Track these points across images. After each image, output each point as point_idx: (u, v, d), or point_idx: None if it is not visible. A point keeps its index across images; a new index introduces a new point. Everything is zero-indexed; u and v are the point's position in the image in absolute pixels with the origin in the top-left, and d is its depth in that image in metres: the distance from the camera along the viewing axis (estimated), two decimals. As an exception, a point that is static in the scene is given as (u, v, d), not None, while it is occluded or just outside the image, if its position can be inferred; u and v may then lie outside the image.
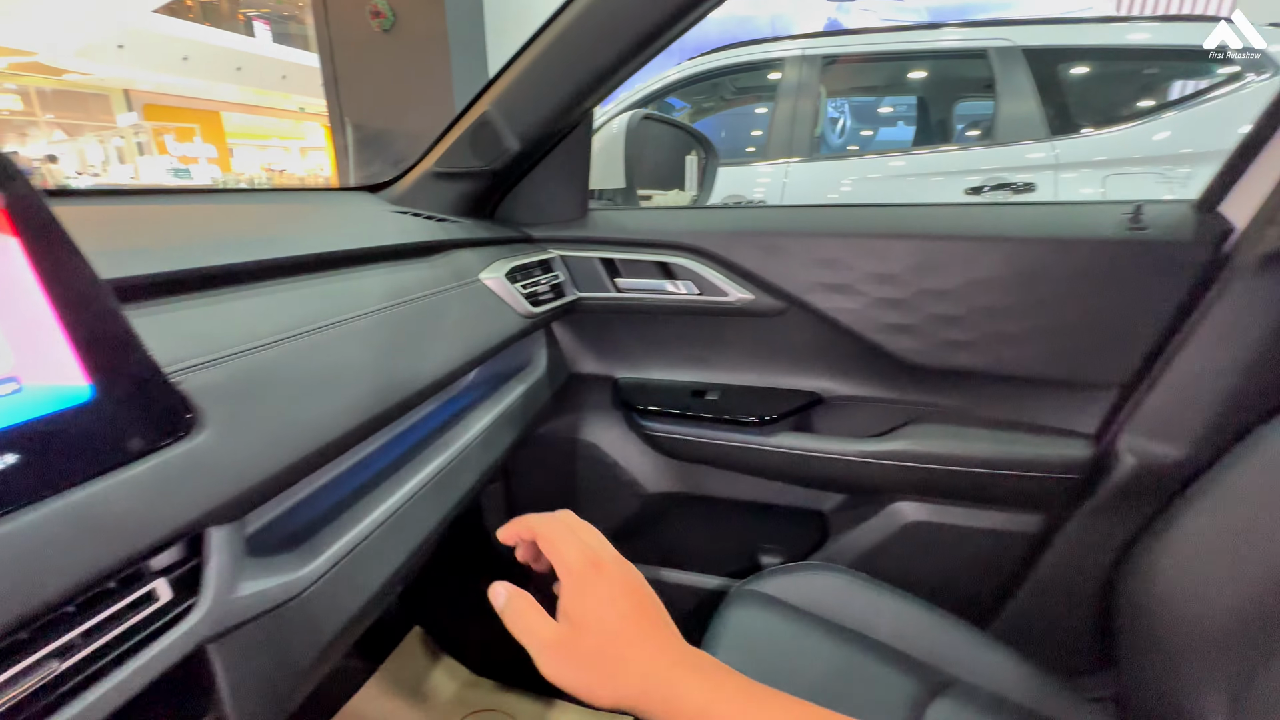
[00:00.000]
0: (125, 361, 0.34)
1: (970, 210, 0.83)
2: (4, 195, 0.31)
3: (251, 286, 0.48)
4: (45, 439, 0.30)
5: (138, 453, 0.33)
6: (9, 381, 0.30)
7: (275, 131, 19.27)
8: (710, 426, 0.88)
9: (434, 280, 0.65)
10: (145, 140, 9.03)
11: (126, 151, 9.05)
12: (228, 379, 0.39)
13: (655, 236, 0.86)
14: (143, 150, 8.94)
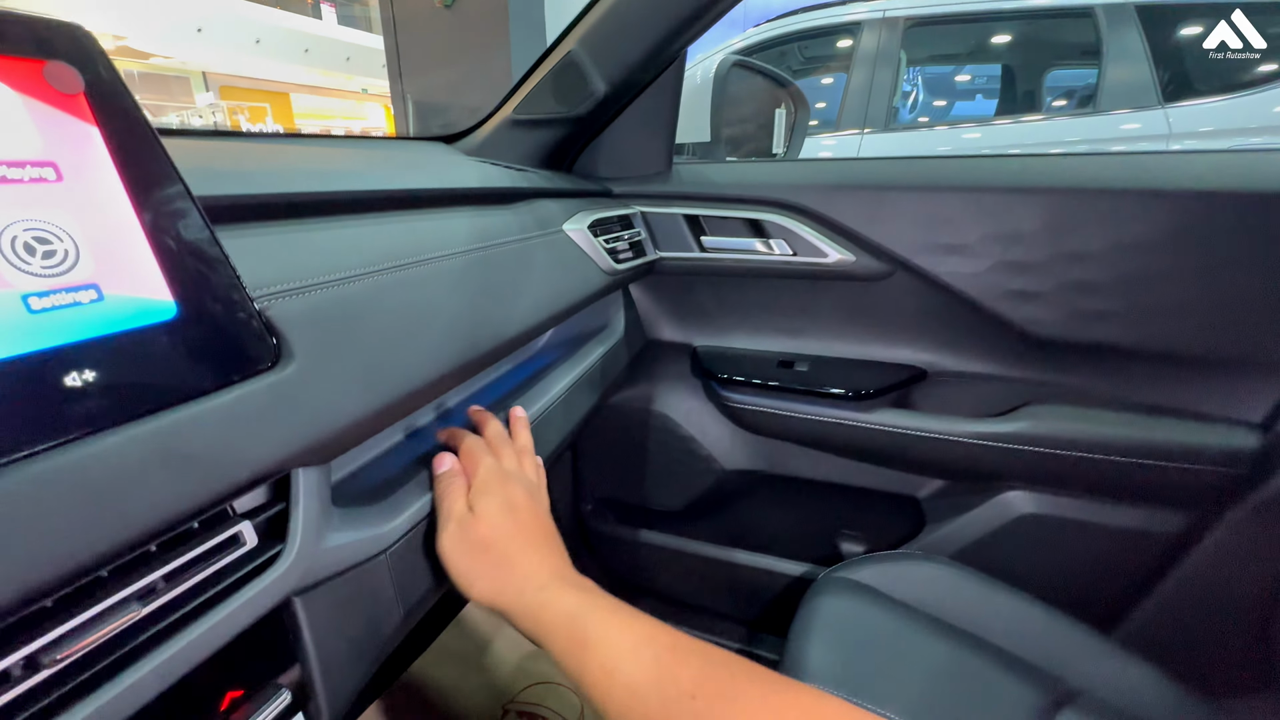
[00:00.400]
0: (212, 280, 0.30)
1: (1118, 160, 0.71)
2: (84, 78, 0.27)
3: (338, 218, 0.44)
4: (128, 356, 0.27)
5: (223, 381, 0.30)
6: (88, 288, 0.26)
7: (339, 112, 19.92)
8: (798, 400, 0.81)
9: (519, 227, 0.61)
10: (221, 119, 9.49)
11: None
12: (315, 310, 0.35)
13: (746, 192, 0.79)
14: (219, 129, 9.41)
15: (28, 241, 0.24)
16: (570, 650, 0.34)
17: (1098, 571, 0.76)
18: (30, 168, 0.25)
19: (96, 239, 0.26)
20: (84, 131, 0.27)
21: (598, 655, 0.33)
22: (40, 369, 0.24)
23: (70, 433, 0.24)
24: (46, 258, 0.25)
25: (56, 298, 0.25)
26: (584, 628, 0.34)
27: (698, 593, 0.98)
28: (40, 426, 0.23)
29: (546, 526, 0.42)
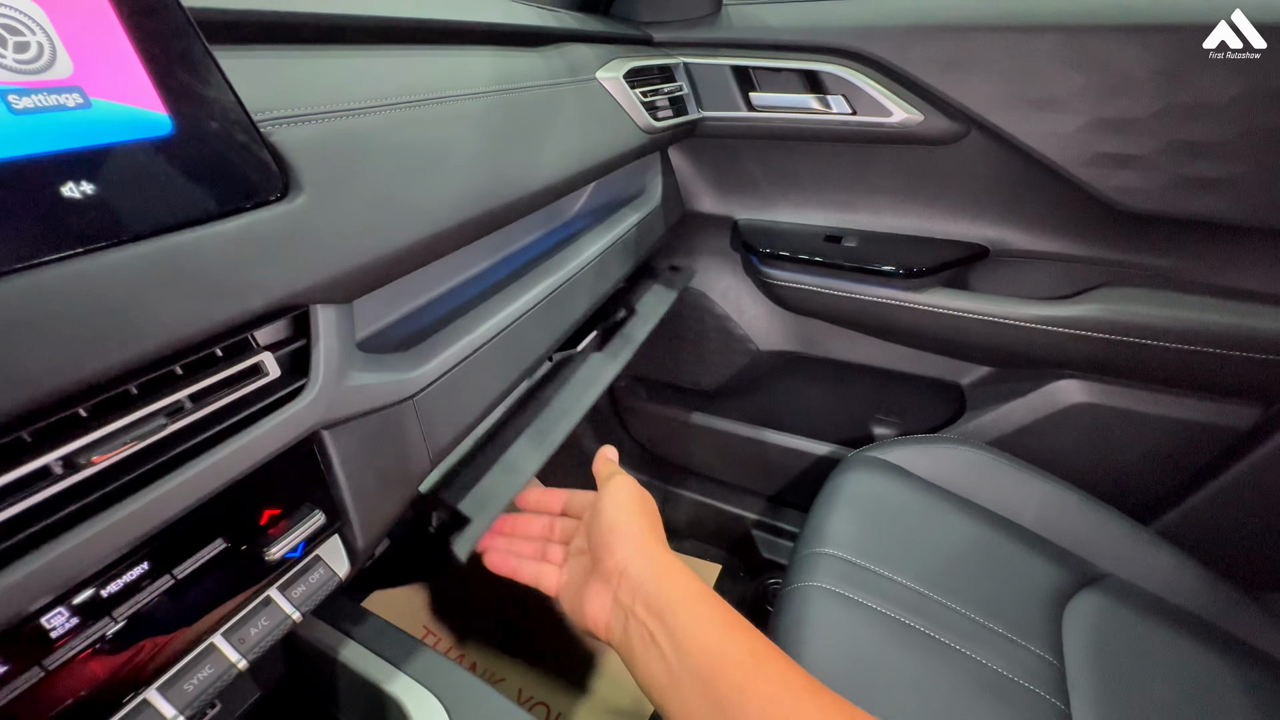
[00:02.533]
0: (208, 96, 0.28)
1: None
2: None
3: (346, 46, 0.40)
4: (126, 171, 0.25)
5: (230, 208, 0.28)
6: (71, 91, 0.24)
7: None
8: (844, 277, 0.77)
9: (547, 71, 0.55)
10: None
11: None
12: (323, 140, 0.33)
13: (805, 38, 0.69)
14: None
15: (-5, 31, 0.22)
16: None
17: (1146, 463, 0.73)
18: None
19: (75, 36, 0.24)
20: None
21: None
22: (34, 175, 0.23)
23: (73, 245, 0.23)
24: (20, 50, 0.23)
25: (39, 98, 0.23)
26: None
27: (726, 468, 1.00)
28: (41, 236, 0.22)
29: (655, 515, 0.43)
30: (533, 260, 0.57)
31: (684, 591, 0.35)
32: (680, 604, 0.35)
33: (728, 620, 0.34)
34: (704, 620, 0.34)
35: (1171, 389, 0.69)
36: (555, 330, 0.56)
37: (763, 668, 0.32)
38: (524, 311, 0.51)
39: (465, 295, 0.52)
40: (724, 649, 0.32)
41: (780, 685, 0.31)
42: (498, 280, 0.54)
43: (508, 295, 0.51)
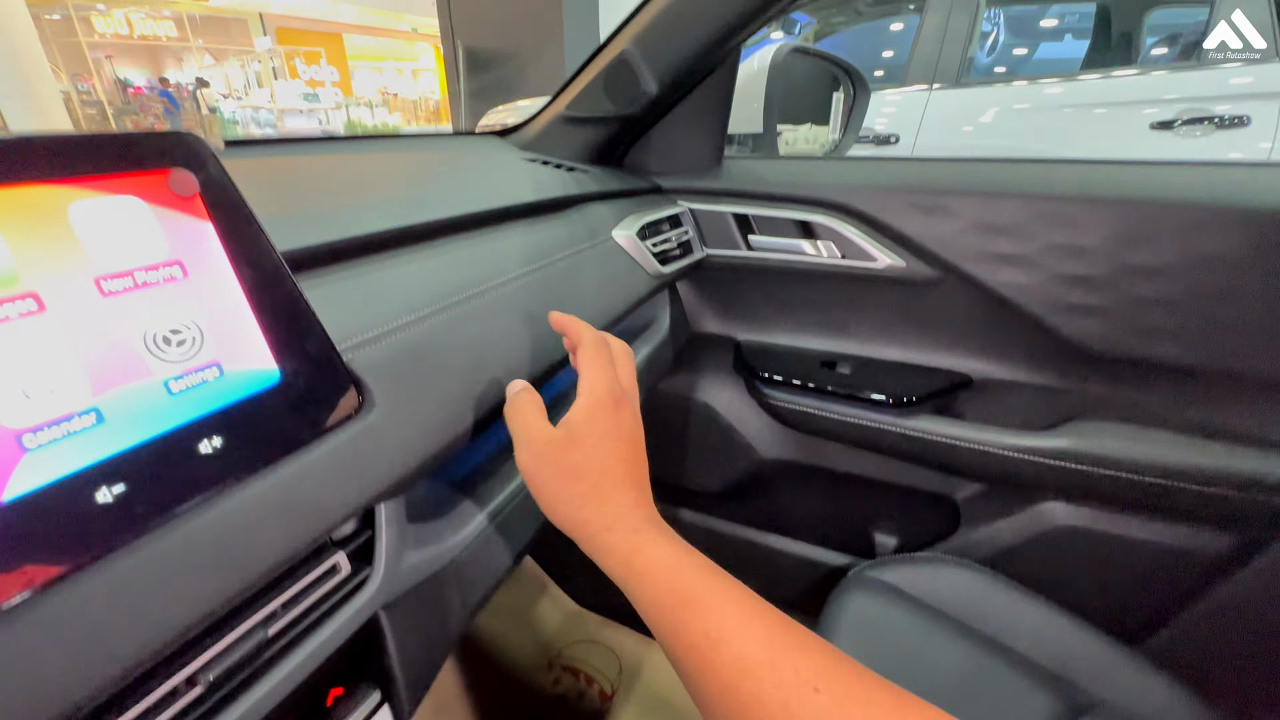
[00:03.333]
0: (307, 344, 0.35)
1: (1193, 171, 0.67)
2: (199, 179, 0.31)
3: (406, 251, 0.48)
4: (244, 421, 0.31)
5: (320, 432, 0.34)
6: (211, 368, 0.31)
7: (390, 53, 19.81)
8: (840, 402, 0.83)
9: (569, 239, 0.63)
10: (279, 65, 9.63)
11: (264, 76, 9.73)
12: (392, 356, 0.39)
13: (796, 191, 0.78)
14: (277, 75, 9.56)
15: (165, 335, 0.29)
16: (663, 604, 0.32)
17: (1132, 587, 0.76)
18: (163, 269, 0.29)
19: (216, 323, 0.31)
20: (200, 228, 0.31)
21: (699, 618, 0.30)
22: (182, 440, 0.29)
23: (206, 490, 0.29)
24: (179, 346, 0.29)
25: (189, 379, 0.29)
26: (683, 584, 0.32)
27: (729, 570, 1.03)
28: (184, 488, 0.28)
29: (643, 464, 0.39)
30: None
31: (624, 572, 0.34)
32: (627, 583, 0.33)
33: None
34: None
35: (1148, 515, 0.73)
36: None
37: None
38: None
39: (491, 443, 0.57)
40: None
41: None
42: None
43: None
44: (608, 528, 0.34)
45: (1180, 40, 2.46)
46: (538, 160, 0.77)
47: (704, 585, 0.32)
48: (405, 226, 0.48)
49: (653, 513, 0.36)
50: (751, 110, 0.89)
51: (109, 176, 0.27)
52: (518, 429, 0.38)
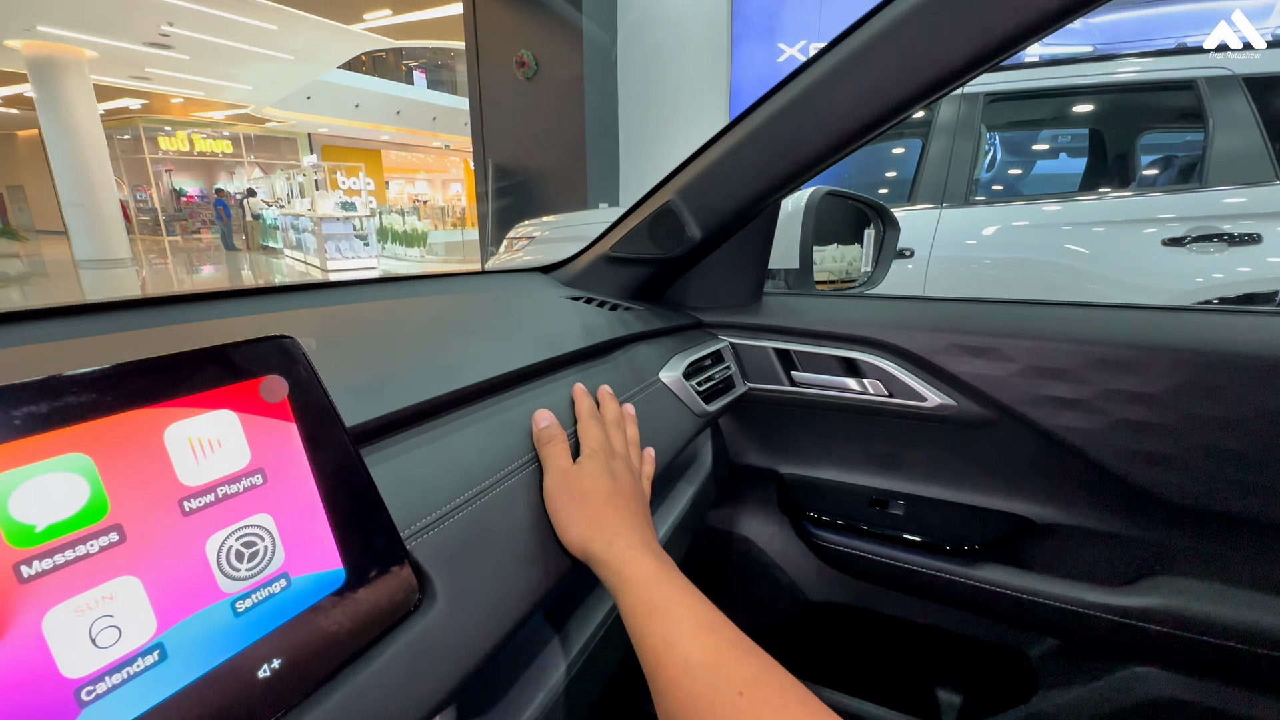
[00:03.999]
0: (375, 538, 0.33)
1: (1262, 320, 0.65)
2: (289, 382, 0.31)
3: (465, 413, 0.47)
4: (305, 634, 0.29)
5: (380, 633, 0.32)
6: (280, 579, 0.29)
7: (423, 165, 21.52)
8: (894, 546, 0.78)
9: (619, 384, 0.63)
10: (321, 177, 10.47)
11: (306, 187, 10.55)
12: (453, 540, 0.38)
13: (839, 328, 0.78)
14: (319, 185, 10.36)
15: (238, 548, 0.27)
16: (638, 611, 0.36)
17: None
18: (244, 479, 0.28)
19: (290, 529, 0.29)
20: (286, 431, 0.30)
21: (662, 624, 0.35)
22: (241, 667, 0.26)
23: (271, 716, 0.26)
24: (251, 559, 0.28)
25: (256, 595, 0.27)
26: (656, 595, 0.37)
27: None
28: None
29: (642, 504, 0.45)
30: None
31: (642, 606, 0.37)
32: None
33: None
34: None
35: (1257, 691, 0.65)
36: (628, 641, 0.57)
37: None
38: (597, 633, 0.52)
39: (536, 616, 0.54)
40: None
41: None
42: (562, 591, 0.56)
43: (582, 619, 0.52)
44: (609, 543, 0.40)
45: (1176, 162, 2.59)
46: (582, 298, 0.78)
47: (673, 597, 0.37)
48: (465, 387, 0.48)
49: (649, 537, 0.42)
50: (789, 247, 0.92)
51: (206, 394, 0.27)
52: (550, 459, 0.45)
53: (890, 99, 0.57)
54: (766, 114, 0.64)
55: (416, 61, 17.35)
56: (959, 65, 0.52)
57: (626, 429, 0.53)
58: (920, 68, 0.54)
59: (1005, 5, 0.48)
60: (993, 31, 0.50)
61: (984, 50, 0.51)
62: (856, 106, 0.59)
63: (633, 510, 0.43)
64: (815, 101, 0.61)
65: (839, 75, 0.58)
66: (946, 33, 0.52)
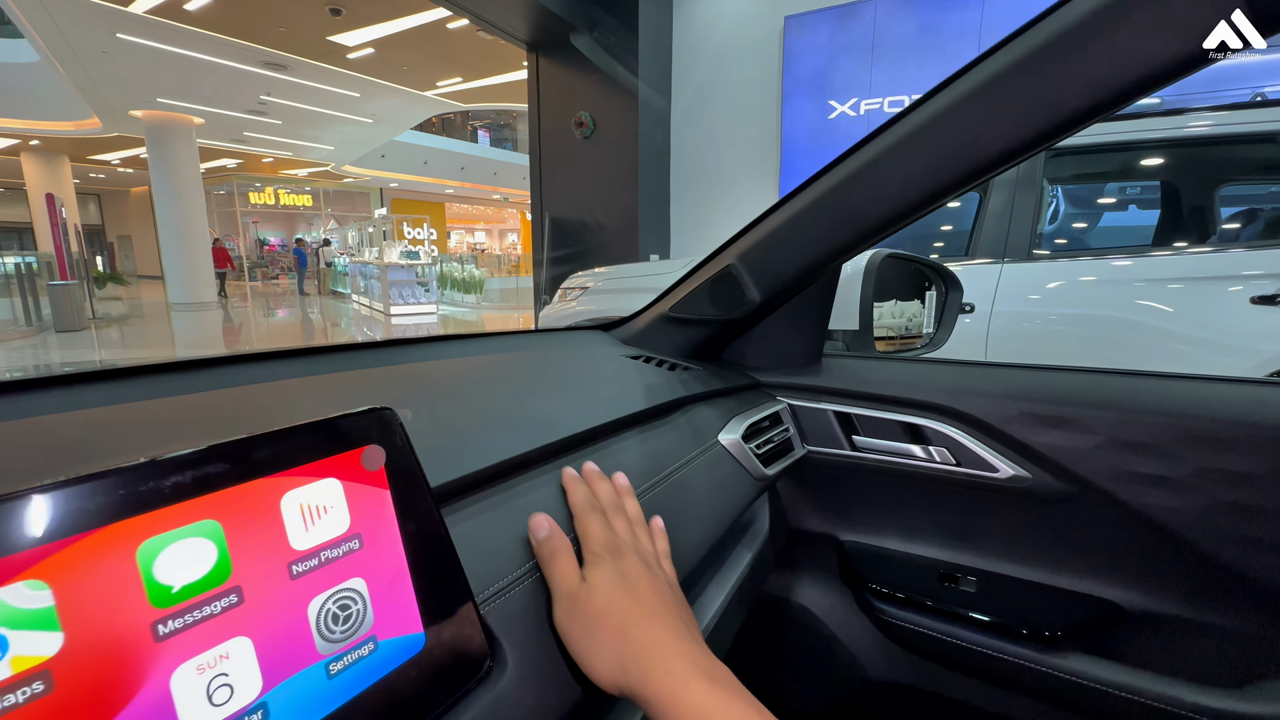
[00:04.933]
0: (453, 603, 0.34)
1: None
2: (387, 451, 0.33)
3: (534, 473, 0.48)
4: (387, 698, 0.30)
5: (452, 703, 0.32)
6: (368, 642, 0.30)
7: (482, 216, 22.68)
8: (967, 627, 0.73)
9: (680, 447, 0.63)
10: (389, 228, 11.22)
11: (375, 236, 11.31)
12: (523, 606, 0.38)
13: (902, 392, 0.77)
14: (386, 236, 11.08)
15: (334, 611, 0.29)
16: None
17: None
18: (344, 544, 0.30)
19: (379, 592, 0.31)
20: (381, 498, 0.32)
21: None
22: (336, 725, 0.27)
23: None
24: (345, 622, 0.29)
25: (347, 658, 0.29)
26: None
27: None
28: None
29: (668, 599, 0.39)
30: None
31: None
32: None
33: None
34: None
35: None
36: None
37: None
38: None
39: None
40: None
41: None
42: None
43: None
44: (644, 674, 0.34)
45: (1261, 215, 2.45)
46: (641, 357, 0.80)
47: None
48: (534, 449, 0.49)
49: (689, 649, 0.35)
50: (848, 308, 0.92)
51: (316, 465, 0.29)
52: (555, 582, 0.38)
53: (957, 171, 0.58)
54: (830, 183, 0.66)
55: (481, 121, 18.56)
56: (1027, 139, 0.53)
57: (627, 507, 0.46)
58: (988, 141, 0.55)
59: (1076, 83, 0.49)
60: (1062, 107, 0.50)
61: (1053, 126, 0.51)
62: (922, 177, 0.59)
63: (660, 617, 0.37)
64: (880, 171, 0.62)
65: (906, 146, 0.59)
66: (1016, 108, 0.52)
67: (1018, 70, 0.51)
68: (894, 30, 4.81)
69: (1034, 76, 0.51)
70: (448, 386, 0.60)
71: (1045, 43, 0.49)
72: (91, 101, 9.49)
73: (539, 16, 5.18)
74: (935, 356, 0.88)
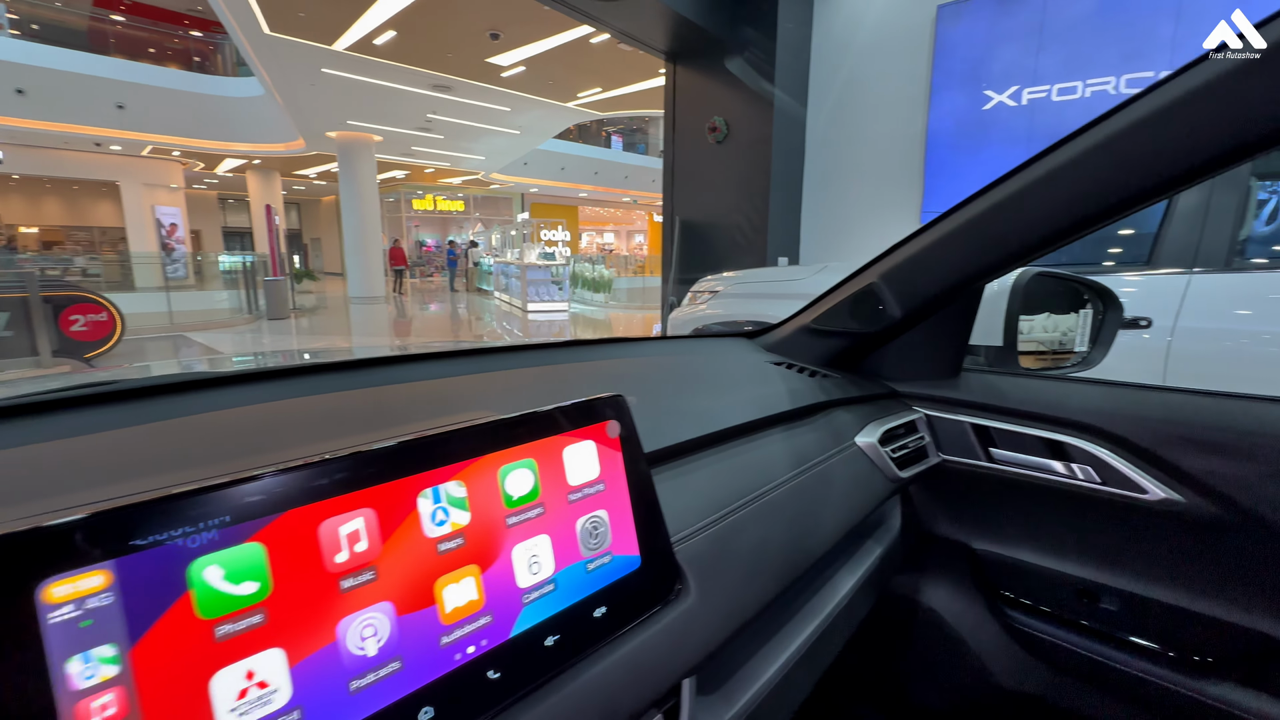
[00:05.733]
0: (657, 540, 0.47)
1: None
2: (621, 425, 0.46)
3: (701, 455, 0.60)
4: (618, 595, 0.43)
5: (656, 610, 0.45)
6: (607, 555, 0.44)
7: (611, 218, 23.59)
8: (1108, 645, 0.74)
9: (819, 445, 0.72)
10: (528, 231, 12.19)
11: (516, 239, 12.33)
12: (701, 551, 0.50)
13: (1044, 409, 0.79)
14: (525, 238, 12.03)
15: (590, 528, 0.43)
16: None
17: None
18: (595, 485, 0.44)
19: (614, 521, 0.44)
20: (615, 457, 0.46)
21: None
22: (588, 606, 0.41)
23: (595, 645, 0.40)
24: (595, 538, 0.43)
25: (596, 562, 0.42)
26: None
27: None
28: (585, 641, 0.40)
29: None
30: (790, 607, 0.68)
31: None
32: None
33: None
34: None
35: None
36: (814, 675, 0.65)
37: None
38: (790, 661, 0.61)
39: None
40: None
41: None
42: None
43: (779, 642, 0.62)
44: None
45: None
46: (783, 363, 0.89)
47: None
48: (702, 435, 0.61)
49: None
50: (993, 324, 0.94)
51: (582, 430, 0.43)
52: None
53: (1106, 202, 0.61)
54: (978, 209, 0.71)
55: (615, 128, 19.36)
56: (1179, 175, 0.55)
57: None
58: (1141, 175, 0.57)
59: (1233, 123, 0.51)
60: (1215, 144, 0.52)
61: (1209, 160, 0.53)
62: (1070, 207, 0.63)
63: None
64: (1028, 199, 0.66)
65: (1056, 176, 0.63)
66: (1187, 130, 0.54)
67: (1180, 105, 0.54)
68: (1069, 10, 4.35)
69: (1196, 110, 0.53)
70: (630, 383, 0.74)
71: (1205, 83, 0.52)
72: (299, 126, 11.31)
73: (679, 27, 5.36)
74: (1083, 375, 0.88)
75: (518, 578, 0.38)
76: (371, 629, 0.31)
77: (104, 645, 0.24)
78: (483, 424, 0.38)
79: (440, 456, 0.36)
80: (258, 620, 0.28)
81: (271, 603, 0.28)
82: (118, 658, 0.24)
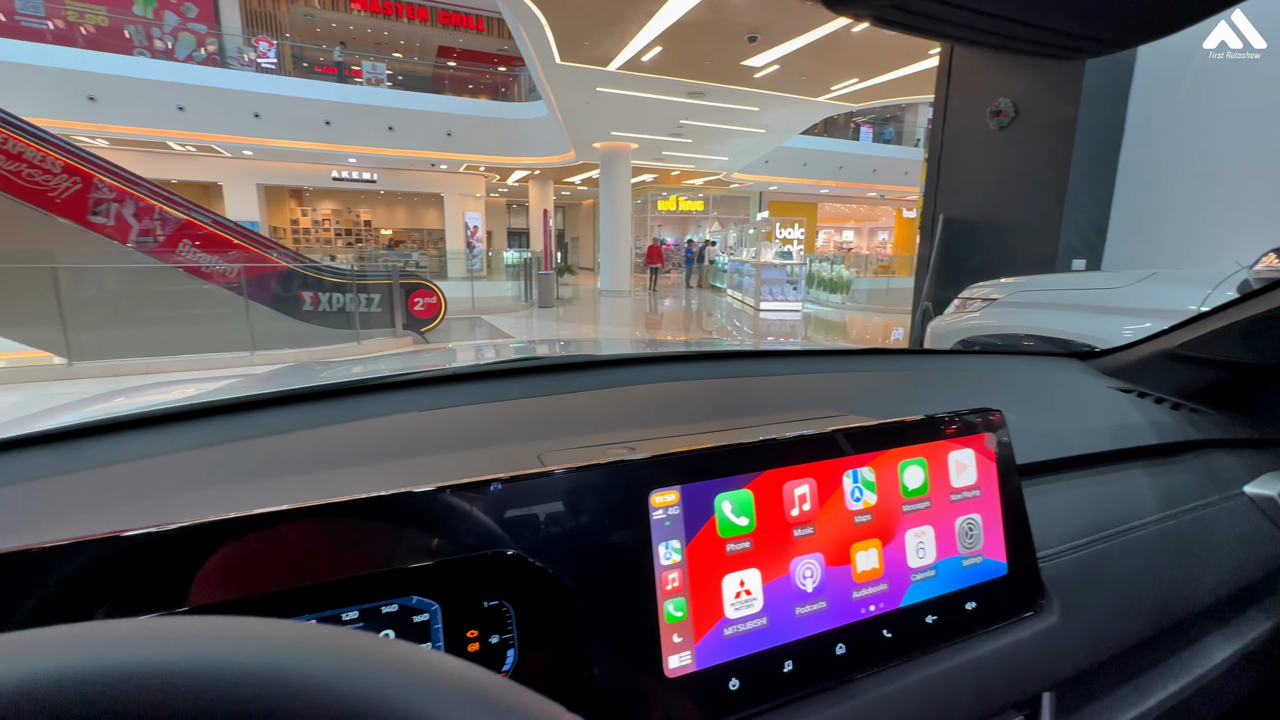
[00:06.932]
0: (1024, 552, 0.48)
1: None
2: (997, 436, 0.49)
3: (1050, 479, 0.59)
4: (985, 595, 0.46)
5: (1024, 617, 0.47)
6: (979, 555, 0.47)
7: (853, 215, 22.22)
8: None
9: (1193, 489, 0.64)
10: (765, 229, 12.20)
11: (753, 239, 12.43)
12: (1063, 573, 0.50)
13: None
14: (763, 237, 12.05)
15: (966, 528, 0.46)
16: None
17: None
18: (973, 489, 0.47)
19: (986, 526, 0.47)
20: (990, 467, 0.48)
21: None
22: (959, 598, 0.45)
23: (965, 634, 0.44)
24: (969, 536, 0.46)
25: (970, 560, 0.46)
26: None
27: None
28: (955, 630, 0.44)
29: None
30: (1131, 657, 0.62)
31: None
32: None
33: None
34: None
35: None
36: None
37: None
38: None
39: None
40: None
41: None
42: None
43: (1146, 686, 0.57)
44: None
45: None
46: (1133, 391, 0.79)
47: None
48: (1058, 459, 0.60)
49: None
50: None
51: (965, 438, 0.47)
52: None
53: None
54: None
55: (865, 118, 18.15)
56: None
57: None
58: None
59: None
60: None
61: None
62: None
63: None
64: None
65: None
66: None
67: None
68: None
69: None
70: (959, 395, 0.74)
71: None
72: (572, 139, 13.02)
73: (961, 3, 4.81)
74: None
75: (909, 557, 0.44)
76: (809, 571, 0.40)
77: (674, 540, 0.37)
78: (889, 423, 0.45)
79: (858, 446, 0.43)
80: (747, 546, 0.39)
81: (755, 535, 0.39)
82: (680, 549, 0.37)
